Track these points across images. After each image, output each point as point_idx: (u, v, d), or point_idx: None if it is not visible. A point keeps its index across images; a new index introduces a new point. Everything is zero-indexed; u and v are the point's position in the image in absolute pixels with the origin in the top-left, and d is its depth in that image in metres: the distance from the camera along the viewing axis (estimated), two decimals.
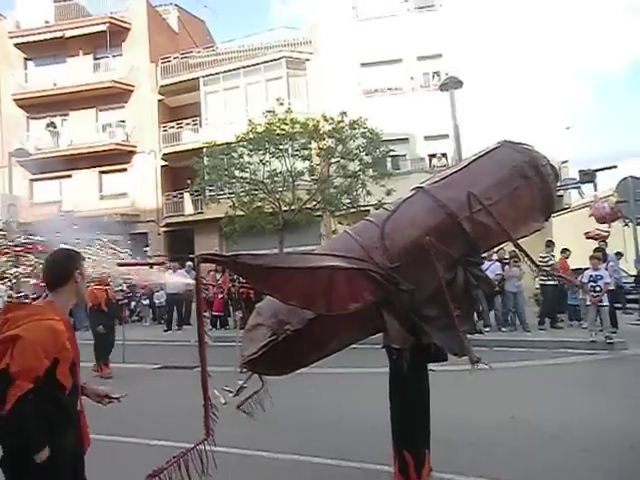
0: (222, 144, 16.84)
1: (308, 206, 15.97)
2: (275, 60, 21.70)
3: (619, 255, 13.80)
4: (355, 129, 15.75)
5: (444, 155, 20.24)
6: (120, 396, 2.69)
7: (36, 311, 2.29)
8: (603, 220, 14.77)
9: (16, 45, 24.76)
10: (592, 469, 4.00)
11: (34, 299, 2.48)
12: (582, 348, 9.12)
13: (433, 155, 20.72)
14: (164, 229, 23.34)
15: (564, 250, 12.34)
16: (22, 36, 24.53)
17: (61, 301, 2.41)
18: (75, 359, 2.35)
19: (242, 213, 16.06)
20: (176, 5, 28.22)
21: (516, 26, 19.64)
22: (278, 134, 15.62)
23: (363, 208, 15.63)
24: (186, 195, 22.79)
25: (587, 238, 15.48)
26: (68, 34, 23.75)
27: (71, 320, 2.98)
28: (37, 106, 24.28)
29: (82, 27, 23.83)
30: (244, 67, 22.15)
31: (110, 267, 9.05)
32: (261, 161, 15.90)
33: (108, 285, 9.14)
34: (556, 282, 11.43)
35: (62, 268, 2.46)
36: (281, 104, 16.37)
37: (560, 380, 7.12)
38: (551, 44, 20.16)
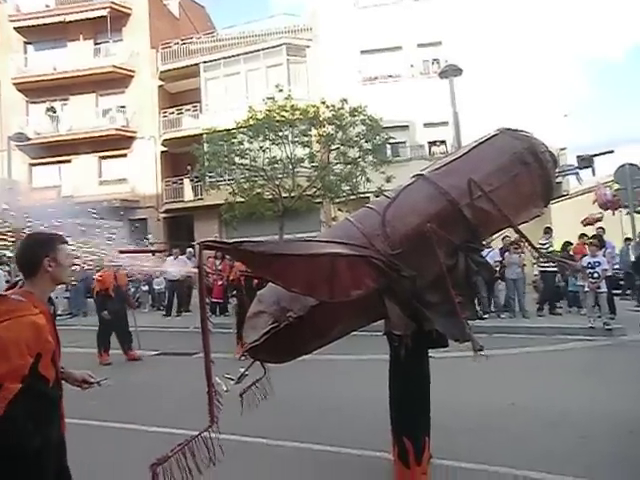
0: (222, 130, 16.77)
1: (308, 193, 15.95)
2: (275, 47, 21.56)
3: (628, 241, 13.70)
4: (355, 116, 15.69)
5: (443, 142, 20.21)
6: (99, 380, 2.61)
7: (16, 306, 2.15)
8: (606, 207, 14.81)
9: (16, 29, 24.57)
10: (591, 454, 4.05)
11: (8, 288, 2.32)
12: (581, 334, 9.19)
13: (433, 142, 20.68)
14: (164, 215, 23.34)
15: (582, 235, 12.26)
16: (22, 20, 24.36)
17: (37, 290, 2.28)
18: (55, 349, 2.28)
19: (242, 200, 16.04)
20: None
21: (515, 13, 19.57)
22: (278, 121, 15.56)
23: (363, 195, 15.63)
24: (186, 181, 22.76)
25: (584, 225, 15.51)
26: (69, 18, 23.58)
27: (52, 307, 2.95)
28: (37, 90, 24.15)
29: (83, 12, 23.65)
30: (244, 53, 22.00)
31: (110, 253, 9.05)
32: (261, 148, 15.85)
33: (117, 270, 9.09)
34: (555, 269, 11.50)
35: (30, 257, 2.31)
36: (281, 91, 16.28)
37: (559, 366, 7.18)
38: (550, 31, 20.08)
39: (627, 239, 13.76)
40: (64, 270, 2.38)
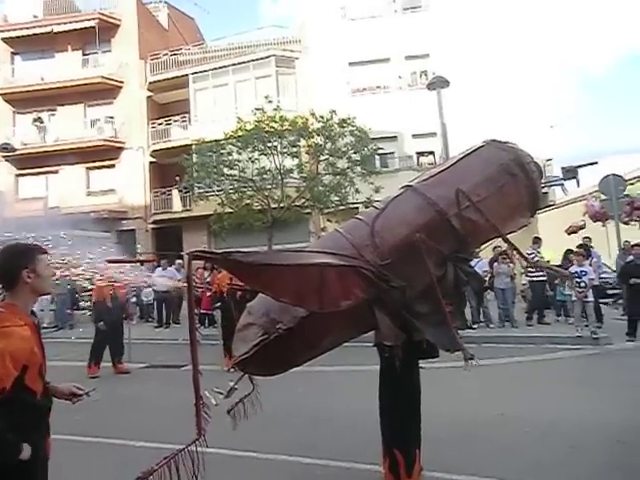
0: (211, 141, 16.80)
1: (297, 203, 15.98)
2: (264, 58, 21.69)
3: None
4: (344, 127, 15.79)
5: (432, 153, 20.41)
6: (87, 391, 2.56)
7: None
8: (596, 219, 14.97)
9: (3, 39, 24.51)
10: (580, 464, 4.06)
11: None
12: (569, 343, 9.25)
13: (421, 153, 20.88)
14: (152, 226, 23.22)
15: (568, 252, 11.77)
16: (10, 30, 24.30)
17: (19, 302, 2.24)
18: (42, 362, 2.27)
19: (231, 210, 16.03)
20: (166, 2, 28.12)
21: (502, 26, 19.90)
22: (267, 132, 15.61)
23: (352, 205, 15.68)
24: (174, 192, 22.70)
25: (568, 234, 15.64)
26: (57, 29, 23.55)
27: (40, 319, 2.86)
28: (24, 101, 24.02)
29: (71, 22, 23.65)
30: (233, 65, 22.11)
31: (98, 265, 8.94)
32: (250, 158, 15.87)
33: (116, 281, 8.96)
34: (544, 278, 11.57)
35: (8, 269, 2.25)
36: (270, 102, 16.36)
37: (548, 376, 7.20)
38: (536, 43, 20.46)
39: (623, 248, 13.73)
40: (44, 281, 2.32)
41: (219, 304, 9.78)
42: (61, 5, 25.05)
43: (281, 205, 15.75)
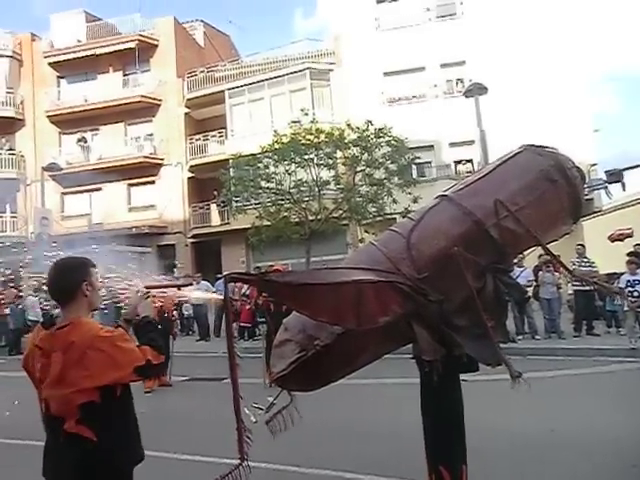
0: (248, 155, 17.02)
1: (334, 215, 15.98)
2: (299, 71, 21.91)
3: None
4: (380, 137, 15.73)
5: (470, 161, 20.08)
6: None
7: (91, 325, 2.27)
8: None
9: (50, 64, 25.69)
10: None
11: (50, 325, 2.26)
12: (621, 356, 8.83)
13: (459, 161, 20.58)
14: (191, 240, 23.64)
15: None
16: (56, 55, 25.46)
17: (80, 315, 2.27)
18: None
19: (268, 223, 16.16)
20: (202, 21, 28.82)
21: (539, 30, 19.49)
22: (303, 144, 15.71)
23: (389, 216, 15.57)
24: (213, 206, 23.09)
25: (611, 241, 15.00)
26: (99, 52, 24.59)
27: None
28: (69, 122, 25.07)
29: (112, 45, 24.61)
30: (268, 79, 22.42)
31: (137, 287, 9.06)
32: (287, 171, 15.99)
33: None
34: (589, 287, 11.14)
35: (67, 283, 2.27)
36: (305, 114, 16.46)
37: (599, 390, 6.89)
38: (575, 46, 19.92)
39: None
40: (98, 294, 2.38)
41: (264, 317, 9.75)
42: (103, 29, 26.07)
43: (318, 217, 15.78)
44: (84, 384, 2.10)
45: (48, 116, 25.42)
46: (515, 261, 3.87)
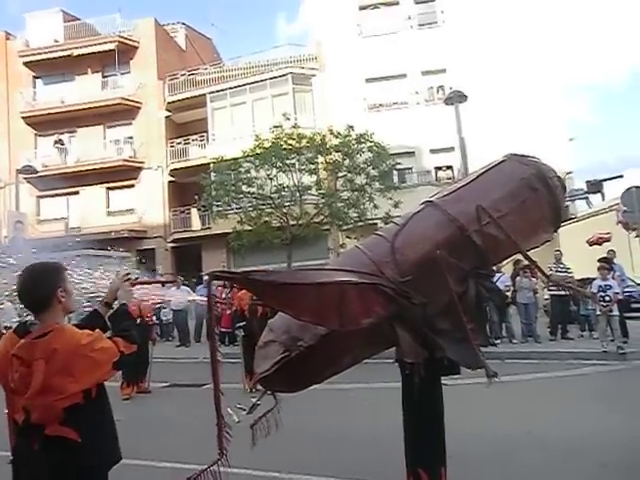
0: (229, 159, 16.98)
1: (316, 220, 16.02)
2: (281, 76, 21.97)
3: None
4: (362, 143, 15.84)
5: (450, 167, 20.35)
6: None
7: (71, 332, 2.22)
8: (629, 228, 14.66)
9: (25, 64, 25.23)
10: None
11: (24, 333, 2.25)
12: (594, 359, 9.07)
13: (439, 168, 20.83)
14: (171, 245, 23.45)
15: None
16: (32, 55, 25.01)
17: (57, 322, 2.22)
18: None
19: (250, 228, 16.12)
20: (184, 23, 28.69)
21: (518, 40, 19.91)
22: (285, 149, 15.74)
23: (370, 221, 15.67)
24: (193, 211, 22.94)
25: (590, 245, 15.35)
26: (77, 52, 24.23)
27: None
28: (45, 123, 24.64)
29: (91, 46, 24.30)
30: (250, 83, 22.42)
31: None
32: (268, 176, 15.99)
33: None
34: (565, 292, 11.38)
35: (42, 290, 2.20)
36: (287, 119, 16.51)
37: (573, 392, 7.06)
38: (552, 55, 20.39)
39: None
40: (72, 299, 2.33)
41: (242, 323, 9.70)
42: (81, 29, 25.73)
43: (300, 222, 15.80)
44: (70, 389, 2.09)
45: (23, 117, 24.94)
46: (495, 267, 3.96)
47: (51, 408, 2.09)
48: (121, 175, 23.79)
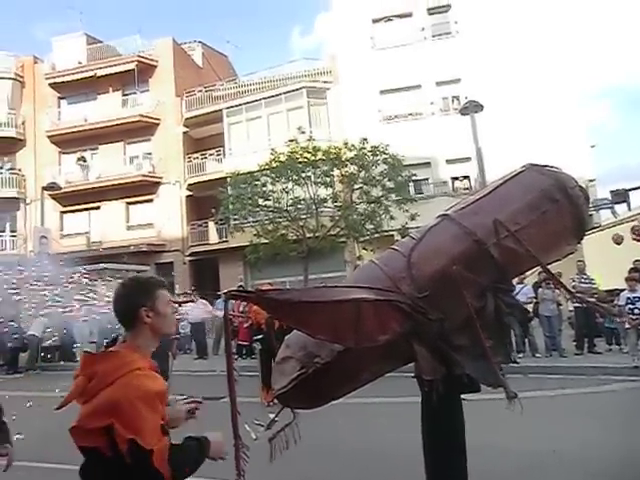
0: (245, 173, 17.10)
1: (332, 233, 16.00)
2: (296, 90, 22.12)
3: None
4: (377, 155, 15.83)
5: (466, 177, 20.20)
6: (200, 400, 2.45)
7: (128, 359, 1.93)
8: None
9: (51, 85, 26.00)
10: None
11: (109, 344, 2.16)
12: (624, 374, 8.72)
13: (455, 178, 20.69)
14: (189, 258, 23.62)
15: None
16: (57, 77, 25.78)
17: (140, 343, 2.02)
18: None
19: (266, 241, 16.16)
20: (200, 42, 29.15)
21: (533, 46, 19.74)
22: (300, 162, 15.80)
23: (387, 233, 15.62)
24: (211, 224, 23.11)
25: (615, 243, 14.96)
26: (99, 73, 24.89)
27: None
28: (69, 141, 25.27)
29: (112, 66, 24.91)
30: (266, 98, 22.61)
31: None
32: (284, 189, 16.06)
33: None
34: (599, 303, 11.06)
35: (125, 307, 2.04)
36: (302, 133, 16.59)
37: (601, 410, 6.81)
38: (570, 61, 20.19)
39: None
40: (166, 320, 2.09)
41: (260, 337, 9.68)
42: (103, 50, 26.39)
43: (316, 235, 15.80)
44: (89, 423, 1.84)
45: (48, 136, 25.63)
46: (516, 278, 3.86)
47: (75, 430, 1.89)
48: (140, 190, 24.15)
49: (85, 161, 25.54)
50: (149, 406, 1.82)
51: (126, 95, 25.64)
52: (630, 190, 14.69)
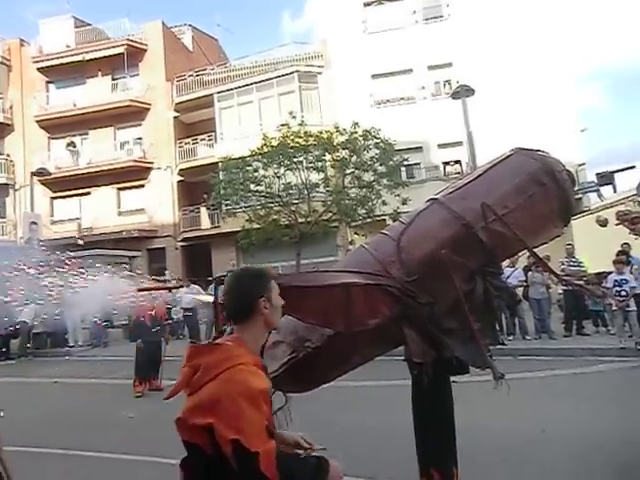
0: (237, 158, 17.03)
1: (324, 217, 16.02)
2: (287, 75, 21.96)
3: None
4: (368, 140, 15.79)
5: (458, 162, 20.23)
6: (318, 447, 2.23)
7: (231, 354, 1.84)
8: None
9: (39, 69, 25.60)
10: None
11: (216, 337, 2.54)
12: (611, 355, 8.90)
13: (447, 163, 20.70)
14: (181, 244, 23.58)
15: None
16: (45, 60, 25.38)
17: (250, 337, 1.94)
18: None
19: (258, 226, 16.16)
20: (190, 25, 28.82)
21: (524, 31, 19.73)
22: (292, 147, 15.74)
23: (379, 218, 15.65)
24: (202, 210, 23.06)
25: (600, 225, 15.07)
26: (88, 57, 24.54)
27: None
28: (58, 126, 24.97)
29: (101, 50, 24.59)
30: (257, 82, 22.44)
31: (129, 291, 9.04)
32: (276, 174, 16.02)
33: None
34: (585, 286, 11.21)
35: (244, 297, 1.96)
36: (294, 117, 16.50)
37: (589, 390, 6.93)
38: (561, 45, 20.15)
39: None
40: (277, 312, 2.03)
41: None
42: (92, 34, 26.03)
43: (308, 219, 15.80)
44: (192, 418, 1.78)
45: (37, 121, 25.30)
46: (507, 261, 3.91)
47: (180, 422, 1.84)
48: (131, 176, 23.99)
49: (75, 146, 25.29)
50: (252, 404, 1.71)
51: (116, 79, 25.32)
52: (615, 172, 14.76)
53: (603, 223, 14.77)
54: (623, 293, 9.28)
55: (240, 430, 1.65)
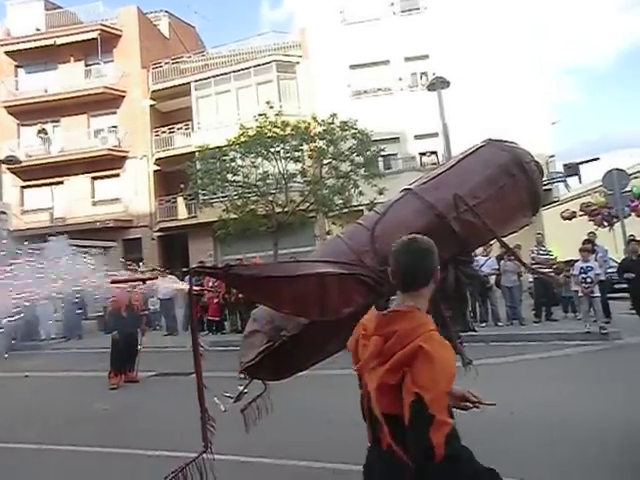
0: (214, 148, 16.89)
1: (301, 207, 16.03)
2: (265, 64, 21.81)
3: None
4: (345, 130, 15.83)
5: (434, 153, 20.43)
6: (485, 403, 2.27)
7: (423, 320, 1.83)
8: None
9: (7, 53, 24.84)
10: (598, 465, 4.03)
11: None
12: (578, 339, 9.29)
13: (424, 153, 20.89)
14: (158, 234, 23.34)
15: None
16: (13, 44, 24.61)
17: (422, 306, 1.93)
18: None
19: (235, 216, 16.09)
20: (167, 11, 28.36)
21: (501, 25, 19.94)
22: (269, 137, 15.68)
23: (356, 208, 15.72)
24: (179, 199, 22.84)
25: (564, 219, 15.49)
26: (59, 41, 23.87)
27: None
28: (28, 113, 24.28)
29: (73, 34, 23.96)
30: (235, 71, 22.23)
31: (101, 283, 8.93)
32: (253, 164, 15.95)
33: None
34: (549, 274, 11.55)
35: (427, 265, 1.94)
36: (272, 107, 16.43)
37: (557, 373, 7.19)
38: (537, 39, 20.46)
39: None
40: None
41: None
42: (63, 17, 25.35)
43: (285, 210, 15.80)
44: (386, 378, 1.76)
45: (5, 107, 24.57)
46: (480, 250, 4.01)
47: (377, 391, 1.80)
48: (106, 164, 23.57)
49: (46, 134, 24.69)
50: (443, 372, 1.70)
51: (89, 65, 24.77)
52: (580, 163, 15.21)
53: (569, 216, 15.21)
54: (588, 280, 9.61)
55: (427, 389, 1.64)
